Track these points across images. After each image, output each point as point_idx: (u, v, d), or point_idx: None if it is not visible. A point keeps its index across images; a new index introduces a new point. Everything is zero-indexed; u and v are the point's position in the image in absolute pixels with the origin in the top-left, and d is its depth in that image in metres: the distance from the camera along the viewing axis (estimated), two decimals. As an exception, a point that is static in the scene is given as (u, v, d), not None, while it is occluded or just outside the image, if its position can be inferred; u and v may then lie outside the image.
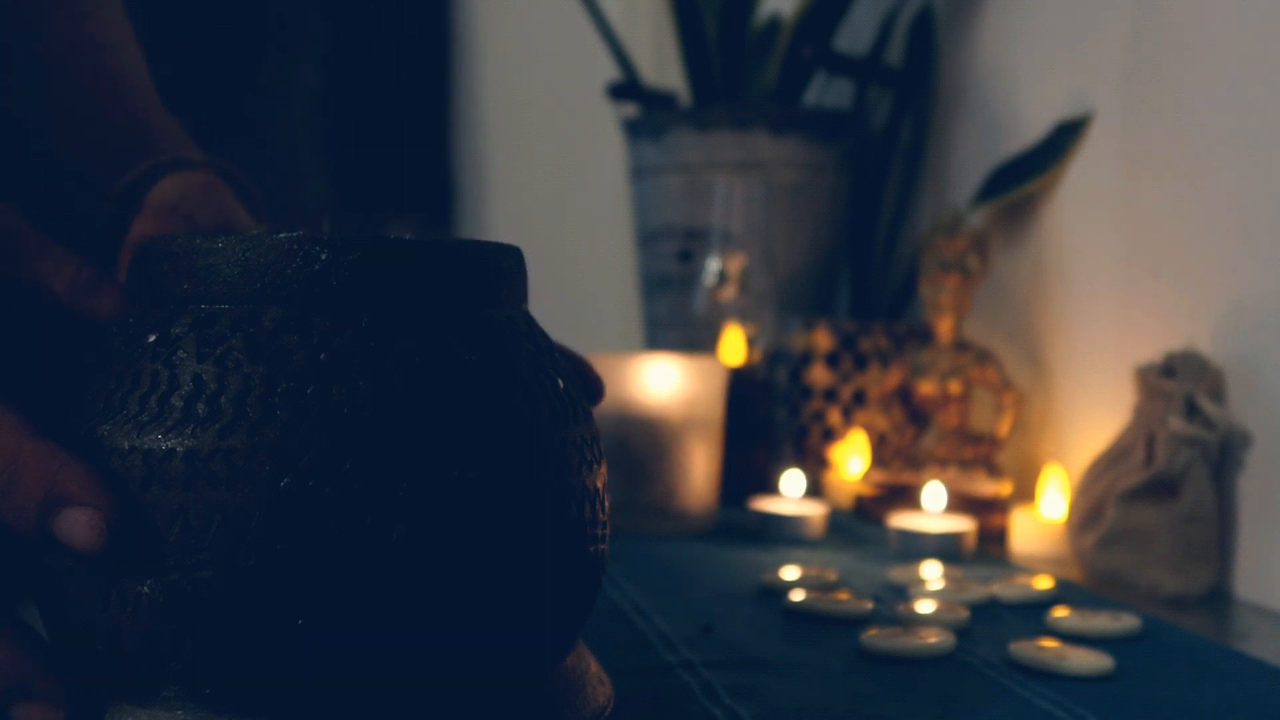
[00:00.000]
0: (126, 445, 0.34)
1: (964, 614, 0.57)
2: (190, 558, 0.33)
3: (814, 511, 0.79)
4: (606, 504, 0.40)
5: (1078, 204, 0.86)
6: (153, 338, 0.36)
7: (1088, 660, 0.50)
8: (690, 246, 1.13)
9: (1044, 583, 0.64)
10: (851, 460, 0.95)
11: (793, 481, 0.83)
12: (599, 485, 0.40)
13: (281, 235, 0.36)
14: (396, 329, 0.35)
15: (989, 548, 0.78)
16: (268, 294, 0.35)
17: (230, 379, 0.34)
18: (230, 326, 0.35)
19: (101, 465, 0.34)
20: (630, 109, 1.20)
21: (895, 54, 1.12)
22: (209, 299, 0.36)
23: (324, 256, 0.35)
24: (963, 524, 0.75)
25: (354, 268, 0.35)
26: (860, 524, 0.85)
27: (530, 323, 0.40)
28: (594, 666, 0.42)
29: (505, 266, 0.39)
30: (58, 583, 0.35)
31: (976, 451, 0.84)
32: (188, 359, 0.35)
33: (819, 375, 0.99)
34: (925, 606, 0.58)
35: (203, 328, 0.35)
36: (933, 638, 0.52)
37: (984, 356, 0.86)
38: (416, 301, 0.36)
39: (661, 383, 0.79)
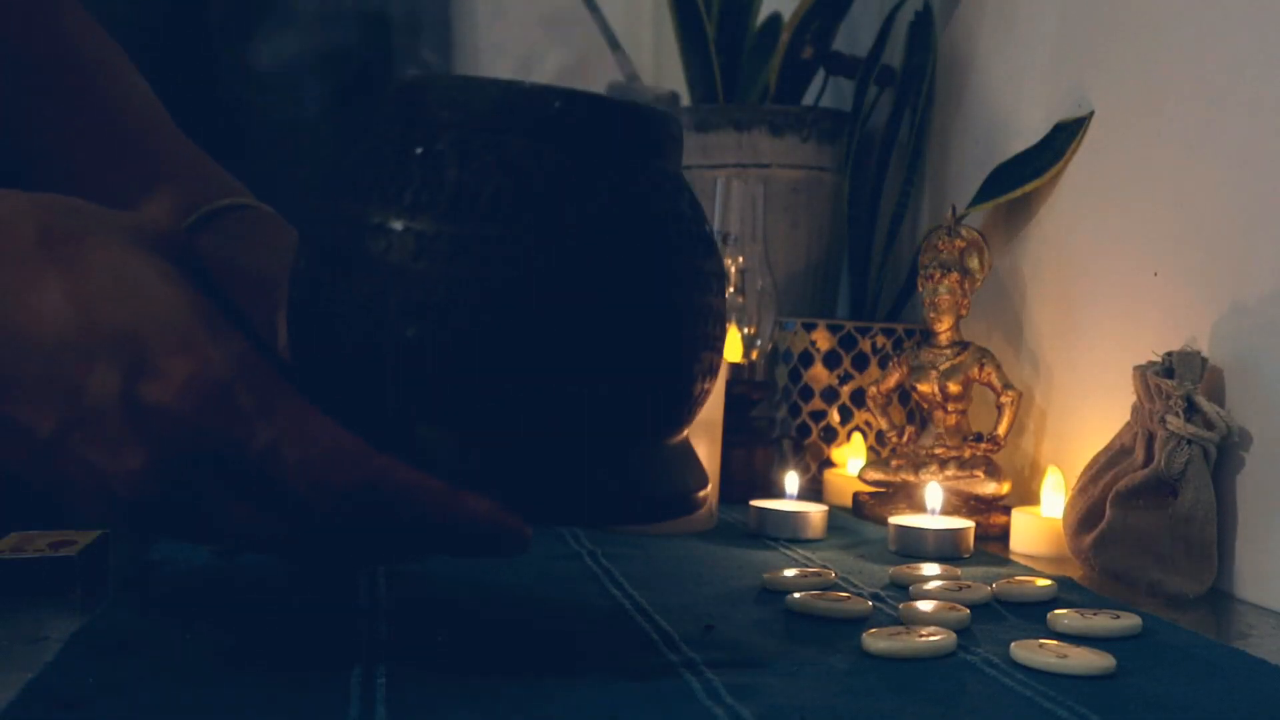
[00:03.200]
0: (401, 226, 0.43)
1: (964, 613, 0.57)
2: (449, 313, 0.43)
3: (814, 511, 0.79)
4: (725, 323, 0.50)
5: (1078, 204, 0.86)
6: (419, 150, 0.45)
7: (1089, 659, 0.50)
8: (690, 246, 1.13)
9: (1044, 583, 0.64)
10: (851, 460, 0.95)
11: (792, 481, 0.83)
12: (723, 307, 0.50)
13: (527, 83, 0.46)
14: (607, 164, 0.46)
15: (989, 548, 0.78)
16: (513, 127, 0.45)
17: (485, 185, 0.44)
18: (482, 147, 0.44)
19: (377, 240, 0.43)
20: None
21: (895, 54, 1.12)
22: (465, 125, 0.45)
23: (558, 104, 0.45)
24: (962, 523, 0.75)
25: (580, 114, 0.45)
26: (860, 523, 0.85)
27: (686, 181, 0.50)
28: (697, 457, 0.52)
29: (677, 133, 0.49)
30: (344, 333, 0.44)
31: (976, 451, 0.84)
32: (450, 167, 0.44)
33: (819, 375, 0.99)
34: (925, 606, 0.58)
35: (461, 146, 0.44)
36: (934, 637, 0.52)
37: (984, 356, 0.86)
38: (621, 147, 0.46)
39: (662, 382, 0.79)
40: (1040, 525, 0.76)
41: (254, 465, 0.41)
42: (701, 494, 0.50)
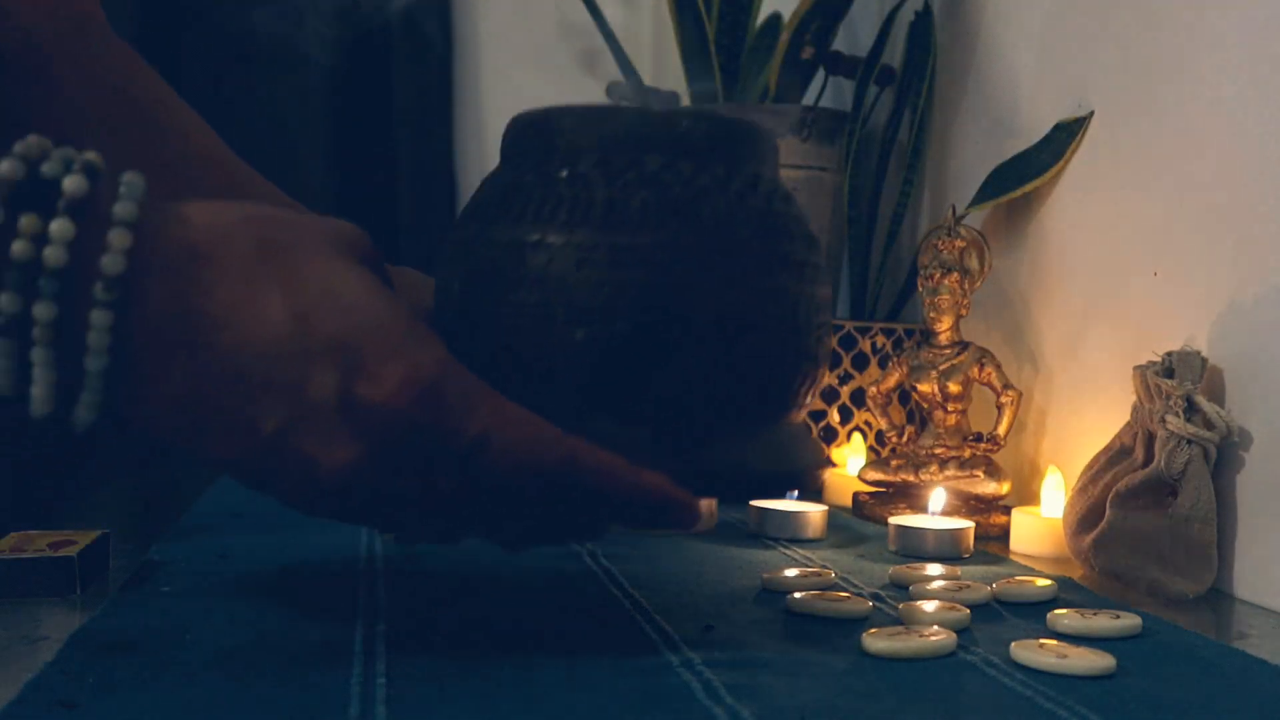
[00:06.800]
0: (560, 241, 0.48)
1: (964, 613, 0.57)
2: (614, 314, 0.47)
3: (814, 511, 0.79)
4: (829, 311, 0.54)
5: (1078, 204, 0.86)
6: (564, 173, 0.49)
7: (1089, 659, 0.50)
8: (690, 246, 1.13)
9: (1044, 583, 0.64)
10: (851, 460, 0.95)
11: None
12: (828, 297, 0.54)
13: (655, 109, 0.51)
14: (730, 174, 0.50)
15: (989, 548, 0.78)
16: (649, 146, 0.50)
17: (632, 198, 0.48)
18: (624, 166, 0.49)
19: (537, 256, 0.48)
20: (630, 109, 1.20)
21: (895, 54, 1.12)
22: (605, 148, 0.50)
23: (685, 124, 0.50)
24: (962, 523, 0.75)
25: (704, 132, 0.50)
26: (860, 523, 0.85)
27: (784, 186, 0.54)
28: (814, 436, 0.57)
29: (774, 145, 0.54)
30: (516, 340, 0.48)
31: (976, 451, 0.84)
32: (597, 186, 0.49)
33: (819, 375, 0.99)
34: (926, 606, 0.58)
35: (605, 167, 0.49)
36: (934, 637, 0.52)
37: (984, 356, 0.86)
38: (739, 157, 0.51)
39: (662, 382, 0.79)
40: (1040, 525, 0.76)
41: (463, 452, 0.45)
42: (822, 470, 0.54)
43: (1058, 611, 0.58)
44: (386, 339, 0.44)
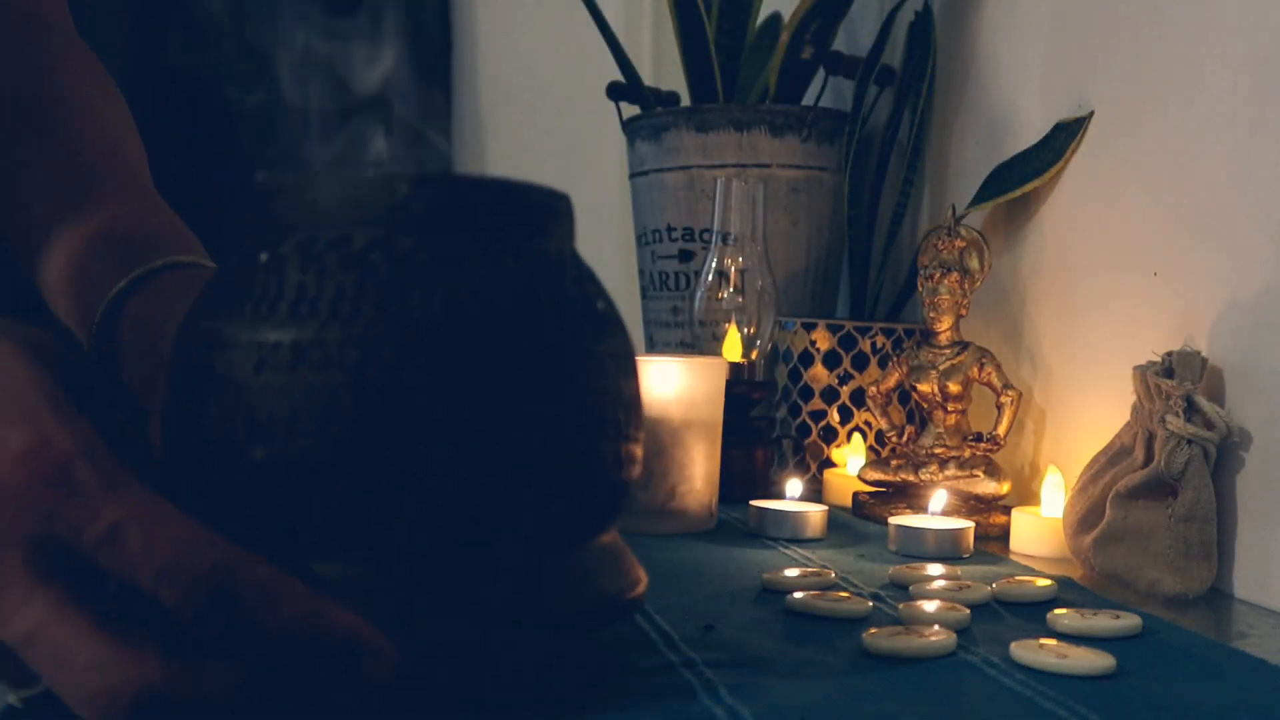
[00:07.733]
0: (244, 339, 0.41)
1: (964, 613, 0.57)
2: (294, 430, 0.39)
3: (813, 511, 0.79)
4: (639, 409, 0.46)
5: (1077, 204, 0.86)
6: (264, 257, 0.42)
7: (1089, 659, 0.50)
8: (690, 246, 1.13)
9: (1044, 583, 0.64)
10: (851, 460, 0.95)
11: (795, 487, 0.83)
12: (633, 391, 0.46)
13: (370, 173, 0.43)
14: (467, 249, 0.42)
15: (989, 548, 0.78)
16: (358, 220, 0.42)
17: (327, 286, 0.40)
18: (327, 246, 0.41)
19: (222, 355, 0.41)
20: (630, 109, 1.20)
21: (895, 54, 1.12)
22: (310, 225, 0.42)
23: (405, 190, 0.42)
24: (962, 523, 0.75)
25: (431, 199, 0.42)
26: (860, 523, 0.85)
27: (576, 257, 0.46)
28: (630, 556, 0.48)
29: (558, 208, 0.46)
30: (195, 456, 0.41)
31: (976, 451, 0.84)
32: (292, 271, 0.41)
33: (819, 375, 0.99)
34: (926, 605, 0.58)
35: (305, 248, 0.41)
36: (934, 637, 0.52)
37: (984, 356, 0.86)
38: (484, 228, 0.42)
39: (661, 383, 0.79)
40: (1040, 525, 0.76)
41: (94, 549, 0.36)
42: (633, 595, 0.46)
43: (1057, 611, 0.58)
44: (16, 405, 0.37)
